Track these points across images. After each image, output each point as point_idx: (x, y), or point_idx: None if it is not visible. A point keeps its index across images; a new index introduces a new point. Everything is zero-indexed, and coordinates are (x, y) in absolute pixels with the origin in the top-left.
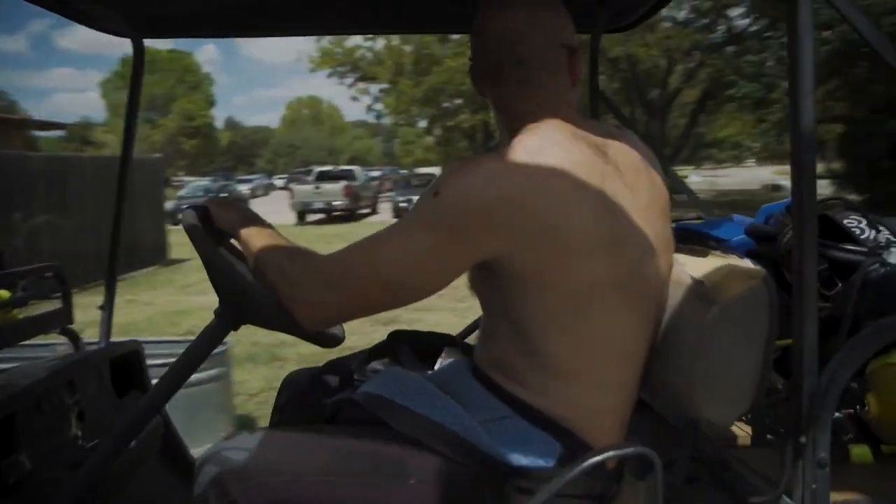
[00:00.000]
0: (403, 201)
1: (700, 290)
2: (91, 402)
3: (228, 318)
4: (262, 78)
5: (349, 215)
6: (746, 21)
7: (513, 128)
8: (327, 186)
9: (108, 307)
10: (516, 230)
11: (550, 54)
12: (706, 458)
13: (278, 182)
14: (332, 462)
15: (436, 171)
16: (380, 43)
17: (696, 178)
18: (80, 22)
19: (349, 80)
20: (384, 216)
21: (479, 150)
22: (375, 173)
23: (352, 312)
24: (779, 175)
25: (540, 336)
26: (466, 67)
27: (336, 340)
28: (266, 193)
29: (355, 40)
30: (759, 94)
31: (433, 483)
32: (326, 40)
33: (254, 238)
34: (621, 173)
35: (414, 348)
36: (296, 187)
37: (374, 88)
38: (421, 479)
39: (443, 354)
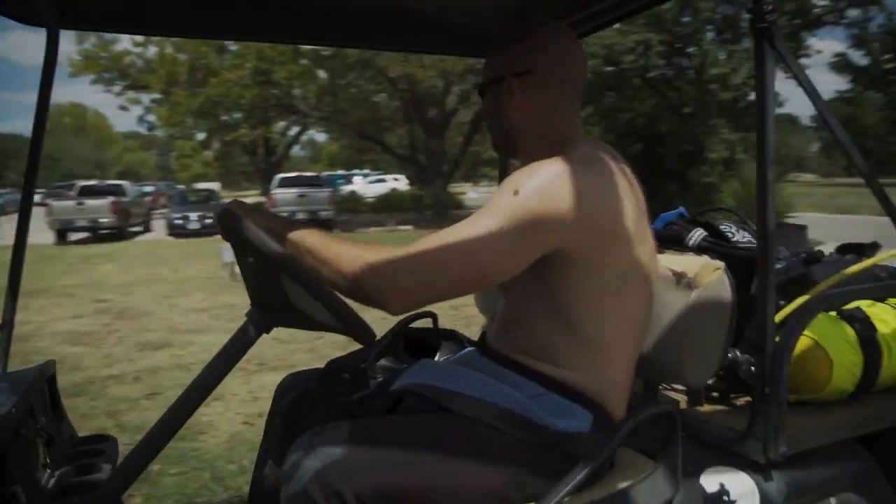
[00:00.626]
0: (179, 218)
1: (682, 280)
2: (50, 426)
3: (262, 321)
4: (12, 80)
5: (118, 233)
6: None
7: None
8: (92, 202)
9: (7, 328)
10: (581, 222)
11: None
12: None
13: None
14: (416, 448)
15: (215, 186)
16: (152, 50)
17: (474, 195)
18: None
19: (117, 88)
20: (158, 234)
21: (261, 166)
22: (149, 188)
23: (439, 296)
24: None
25: (581, 317)
26: (245, 80)
27: (372, 337)
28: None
29: (124, 44)
30: None
31: (499, 456)
32: (90, 42)
33: (308, 237)
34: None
35: (413, 344)
36: (55, 203)
37: (147, 98)
38: (490, 455)
39: (441, 348)
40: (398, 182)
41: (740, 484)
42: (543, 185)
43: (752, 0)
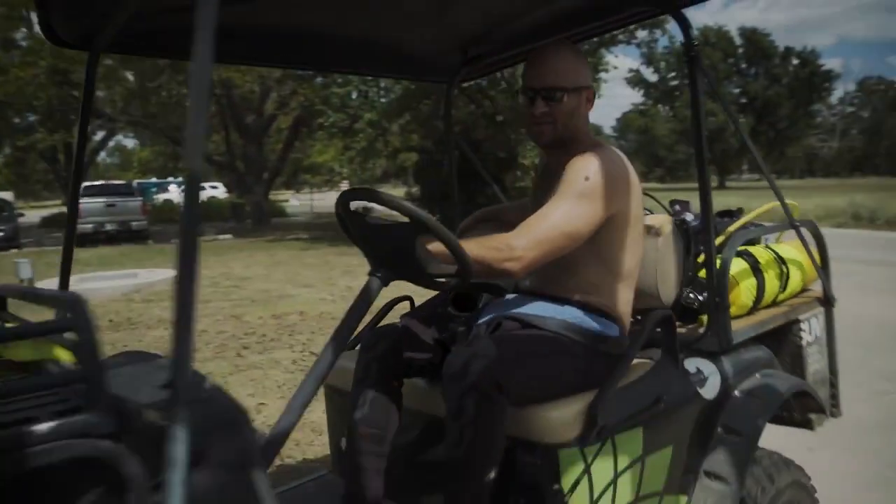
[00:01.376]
0: None
1: (651, 230)
2: None
3: (385, 276)
4: None
5: None
6: None
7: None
8: None
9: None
10: (628, 192)
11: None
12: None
13: None
14: (529, 352)
15: (8, 195)
16: None
17: (295, 203)
18: (44, 32)
19: None
20: None
21: (63, 174)
22: None
23: (546, 258)
24: None
25: (614, 258)
26: (40, 79)
27: (498, 286)
28: None
29: None
30: (345, 124)
31: (572, 355)
32: None
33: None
34: None
35: (460, 298)
36: None
37: None
38: (567, 354)
39: (482, 298)
40: (216, 190)
41: (707, 366)
42: (604, 170)
43: (685, 36)
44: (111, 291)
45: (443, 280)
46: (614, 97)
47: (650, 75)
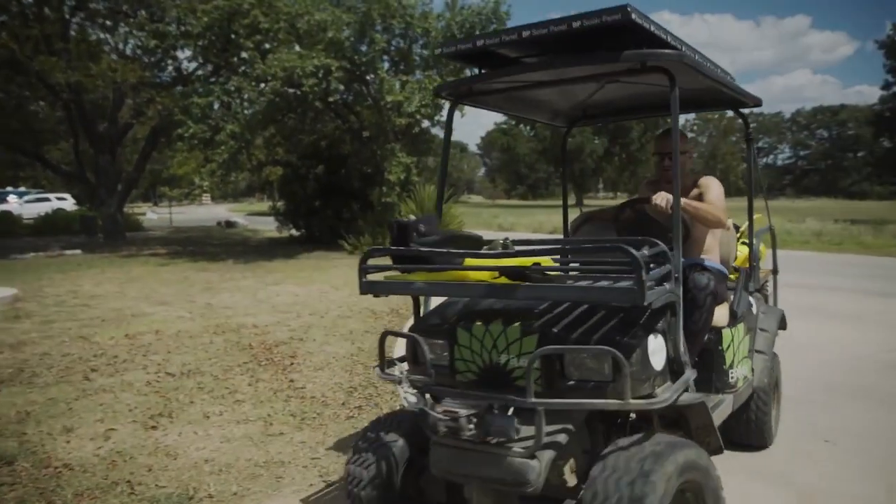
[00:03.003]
0: None
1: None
2: None
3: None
4: None
5: None
6: (194, 64)
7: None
8: None
9: None
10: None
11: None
12: None
13: None
14: (714, 293)
15: None
16: None
17: (153, 216)
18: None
19: None
20: None
21: None
22: None
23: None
24: (233, 212)
25: (717, 231)
26: None
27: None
28: None
29: None
30: (206, 136)
31: (721, 282)
32: None
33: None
34: None
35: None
36: None
37: None
38: (721, 282)
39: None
40: (64, 202)
41: (751, 297)
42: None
43: (745, 126)
44: None
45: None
46: (480, 115)
47: None
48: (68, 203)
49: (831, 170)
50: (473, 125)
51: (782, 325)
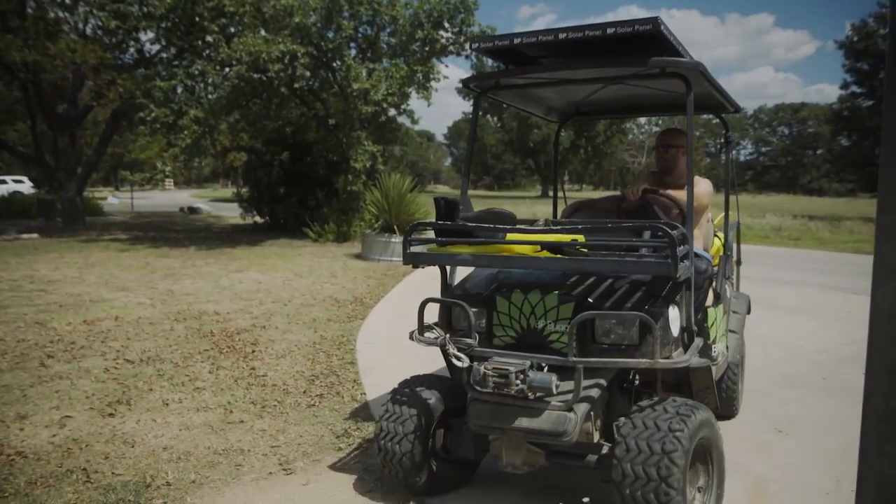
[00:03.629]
0: None
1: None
2: None
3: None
4: None
5: None
6: (156, 47)
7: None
8: None
9: None
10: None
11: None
12: None
13: None
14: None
15: None
16: None
17: (114, 201)
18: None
19: None
20: None
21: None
22: None
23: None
24: (196, 198)
25: (703, 225)
26: None
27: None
28: None
29: None
30: (169, 120)
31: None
32: None
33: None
34: None
35: None
36: None
37: None
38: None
39: None
40: (21, 185)
41: (727, 284)
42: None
43: (725, 129)
44: None
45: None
46: (447, 105)
47: None
48: (25, 186)
49: (791, 166)
50: (441, 115)
51: (748, 309)
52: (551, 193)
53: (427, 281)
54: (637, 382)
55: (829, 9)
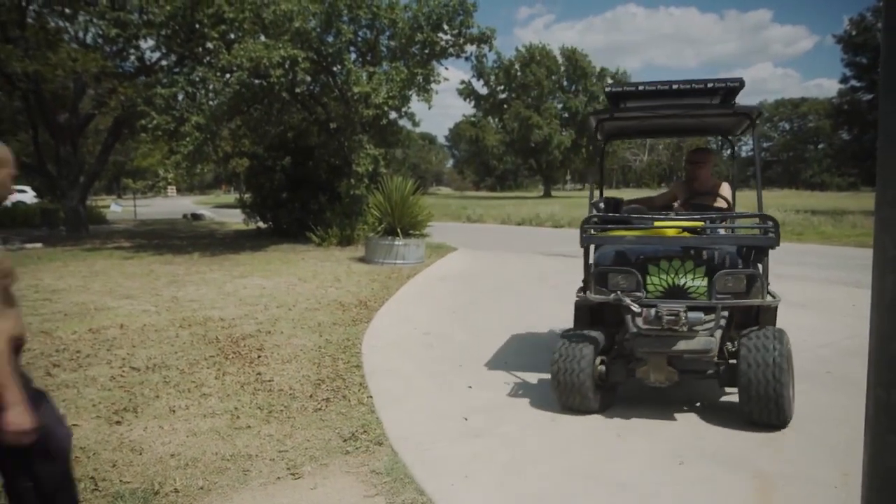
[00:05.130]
0: None
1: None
2: None
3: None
4: None
5: None
6: (157, 54)
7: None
8: None
9: None
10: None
11: None
12: None
13: None
14: None
15: None
16: None
17: (117, 209)
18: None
19: None
20: None
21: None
22: None
23: None
24: (199, 205)
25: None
26: None
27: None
28: None
29: None
30: (171, 127)
31: None
32: None
33: None
34: None
35: None
36: None
37: None
38: None
39: None
40: (24, 194)
41: None
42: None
43: (753, 139)
44: None
45: None
46: (448, 107)
47: (480, 88)
48: (28, 195)
49: (793, 161)
50: (442, 117)
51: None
52: (553, 194)
53: (428, 283)
54: (724, 317)
55: (826, 3)
